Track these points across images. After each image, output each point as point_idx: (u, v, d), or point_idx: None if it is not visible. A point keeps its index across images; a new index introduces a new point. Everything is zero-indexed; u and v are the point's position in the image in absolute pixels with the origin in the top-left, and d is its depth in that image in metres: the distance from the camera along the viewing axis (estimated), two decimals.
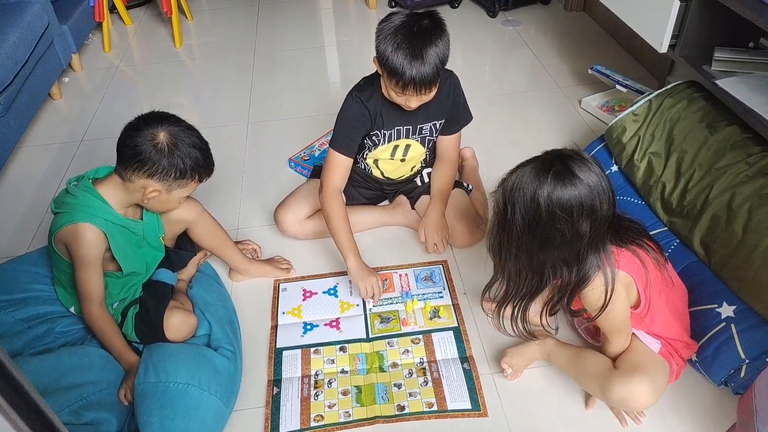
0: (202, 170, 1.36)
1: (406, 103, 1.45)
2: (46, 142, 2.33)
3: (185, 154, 1.30)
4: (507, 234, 1.11)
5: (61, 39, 2.55)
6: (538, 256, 1.11)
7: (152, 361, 1.26)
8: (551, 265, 1.12)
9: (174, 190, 1.34)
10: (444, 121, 1.64)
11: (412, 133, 1.63)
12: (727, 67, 1.65)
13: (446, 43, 1.39)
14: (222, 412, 1.27)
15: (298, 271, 1.70)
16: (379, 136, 1.61)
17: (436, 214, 1.67)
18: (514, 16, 3.07)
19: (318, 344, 1.48)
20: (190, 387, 1.22)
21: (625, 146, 1.70)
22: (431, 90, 1.43)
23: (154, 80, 2.74)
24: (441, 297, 1.60)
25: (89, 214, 1.31)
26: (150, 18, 3.30)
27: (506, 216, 1.10)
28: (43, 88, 2.39)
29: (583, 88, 2.43)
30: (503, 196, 1.10)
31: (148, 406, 1.20)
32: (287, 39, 3.02)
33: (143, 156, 1.27)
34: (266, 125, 2.35)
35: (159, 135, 1.28)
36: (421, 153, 1.70)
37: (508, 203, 1.09)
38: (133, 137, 1.27)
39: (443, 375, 1.40)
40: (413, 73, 1.35)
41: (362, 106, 1.54)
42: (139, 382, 1.23)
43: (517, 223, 1.08)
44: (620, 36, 2.71)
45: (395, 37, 1.35)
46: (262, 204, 1.93)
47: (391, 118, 1.57)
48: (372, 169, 1.74)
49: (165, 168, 1.29)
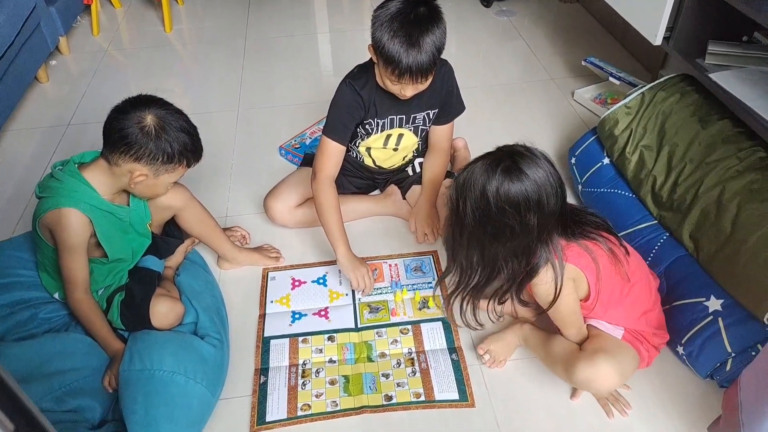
0: (190, 155, 1.34)
1: (401, 91, 1.44)
2: (33, 125, 2.29)
3: (173, 138, 1.29)
4: (459, 227, 1.16)
5: (49, 21, 2.50)
6: (489, 249, 1.16)
7: (137, 348, 1.25)
8: (502, 258, 1.16)
9: (161, 174, 1.32)
10: (437, 111, 1.63)
11: (406, 123, 1.62)
12: (720, 61, 1.64)
13: (443, 31, 1.38)
14: (208, 400, 1.26)
15: (287, 260, 1.69)
16: (372, 125, 1.59)
17: (427, 204, 1.66)
18: (509, 6, 3.06)
19: (306, 333, 1.48)
20: (176, 375, 1.21)
21: (617, 139, 1.70)
22: (427, 78, 1.41)
23: (144, 65, 2.70)
24: (430, 287, 1.59)
25: (74, 199, 1.29)
26: (140, 1, 3.25)
27: (458, 210, 1.14)
28: (30, 70, 2.34)
29: (576, 80, 2.42)
30: (455, 190, 1.15)
31: (132, 393, 1.19)
32: (279, 25, 2.99)
33: (130, 139, 1.25)
34: (257, 112, 2.33)
35: (146, 118, 1.26)
36: (413, 142, 1.69)
37: (459, 198, 1.13)
38: (120, 120, 1.25)
39: (431, 365, 1.39)
40: (410, 61, 1.34)
41: (356, 93, 1.52)
42: (124, 369, 1.22)
43: (468, 216, 1.12)
44: (614, 28, 2.70)
45: (391, 24, 1.33)
46: (252, 192, 1.91)
47: (385, 107, 1.56)
48: (364, 158, 1.73)
49: (152, 151, 1.27)
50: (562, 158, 2.00)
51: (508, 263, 1.17)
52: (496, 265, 1.18)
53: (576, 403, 1.32)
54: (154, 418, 1.16)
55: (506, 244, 1.13)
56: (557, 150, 2.06)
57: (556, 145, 2.08)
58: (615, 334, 1.27)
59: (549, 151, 2.03)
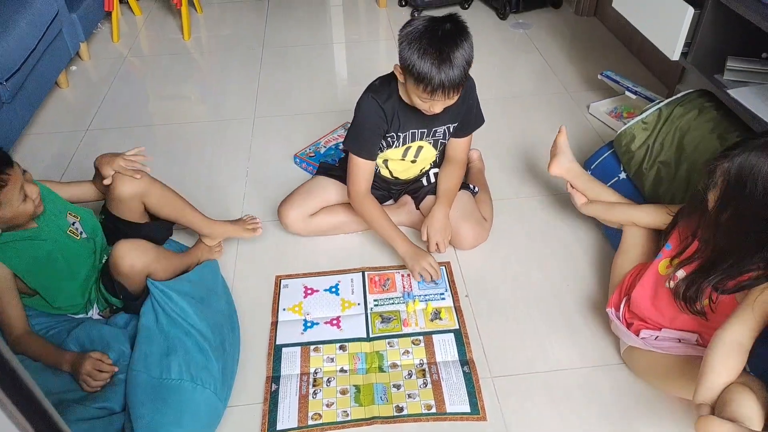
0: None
1: (431, 108, 1.44)
2: (52, 130, 2.32)
3: None
4: (733, 209, 1.13)
5: (70, 27, 2.55)
6: (758, 231, 1.12)
7: (150, 351, 1.26)
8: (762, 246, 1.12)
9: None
10: (458, 124, 1.63)
11: (426, 136, 1.62)
12: (739, 77, 1.63)
13: (470, 45, 1.40)
14: (216, 405, 1.27)
15: (300, 268, 1.69)
16: (394, 138, 1.60)
17: (441, 214, 1.66)
18: (525, 18, 3.06)
19: (318, 342, 1.48)
20: (183, 382, 1.22)
21: (634, 154, 1.69)
22: (458, 93, 1.42)
23: (162, 72, 2.73)
24: (443, 299, 1.59)
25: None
26: (159, 9, 3.30)
27: (739, 191, 1.12)
28: (51, 75, 2.38)
29: (592, 94, 2.42)
30: (740, 169, 1.12)
31: (140, 397, 1.20)
32: (296, 35, 3.02)
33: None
34: (273, 120, 2.35)
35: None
36: (432, 155, 1.69)
37: (748, 178, 1.10)
38: None
39: (443, 377, 1.39)
40: (442, 78, 1.34)
41: (379, 108, 1.53)
42: (135, 369, 1.23)
43: (756, 198, 1.10)
44: (630, 42, 2.69)
45: (420, 42, 1.34)
46: (266, 199, 1.92)
47: (408, 120, 1.56)
48: (381, 169, 1.73)
49: None
50: None
51: (763, 255, 1.13)
52: (759, 252, 1.13)
53: (591, 418, 1.30)
54: (161, 424, 1.17)
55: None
56: None
57: None
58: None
59: None
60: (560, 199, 1.91)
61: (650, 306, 1.34)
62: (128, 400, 1.22)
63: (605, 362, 1.42)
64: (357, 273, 1.67)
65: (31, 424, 0.43)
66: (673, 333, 1.31)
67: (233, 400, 1.35)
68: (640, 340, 1.31)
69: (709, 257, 1.22)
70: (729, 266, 1.17)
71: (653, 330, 1.33)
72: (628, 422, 1.30)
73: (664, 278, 1.31)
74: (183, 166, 2.09)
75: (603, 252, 1.71)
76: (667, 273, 1.31)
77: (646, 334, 1.33)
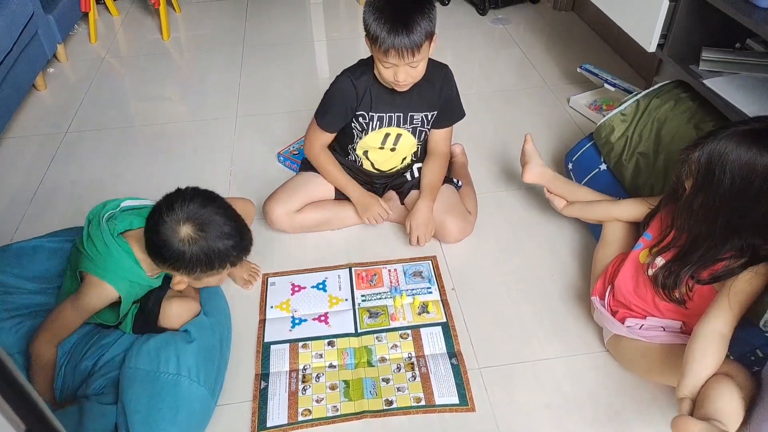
0: (234, 257, 1.25)
1: (395, 78, 1.46)
2: (30, 133, 2.29)
3: (211, 248, 1.20)
4: (705, 197, 1.16)
5: (46, 29, 2.51)
6: (732, 223, 1.14)
7: (147, 348, 1.26)
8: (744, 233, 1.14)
9: (203, 278, 1.27)
10: (436, 113, 1.64)
11: (403, 122, 1.63)
12: (714, 67, 1.67)
13: (432, 7, 1.41)
14: (208, 402, 1.27)
15: (287, 266, 1.69)
16: (366, 118, 1.61)
17: (425, 208, 1.68)
18: (504, 14, 3.09)
19: (306, 339, 1.48)
20: (180, 377, 1.22)
21: (614, 146, 1.72)
22: (415, 54, 1.41)
23: (141, 72, 2.70)
24: (430, 292, 1.60)
25: (118, 276, 1.25)
26: (137, 9, 3.26)
27: (710, 179, 1.14)
28: (28, 78, 2.35)
29: (572, 87, 2.44)
30: (708, 158, 1.14)
31: (136, 393, 1.19)
32: (277, 33, 3.01)
33: (164, 251, 1.19)
34: (255, 119, 2.34)
35: (183, 232, 1.18)
36: (412, 144, 1.70)
37: (715, 166, 1.13)
38: (157, 225, 1.18)
39: (431, 370, 1.40)
40: (395, 38, 1.37)
41: (350, 84, 1.57)
42: (130, 367, 1.23)
43: (724, 186, 1.12)
44: (608, 35, 2.73)
45: (378, 2, 1.39)
46: (251, 198, 1.91)
47: (381, 101, 1.59)
48: (362, 161, 1.74)
49: (188, 265, 1.21)
50: (559, 163, 2.02)
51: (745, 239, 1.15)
52: (729, 241, 1.16)
53: (577, 407, 1.32)
54: (156, 420, 1.16)
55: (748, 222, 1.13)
56: (554, 155, 2.07)
57: (552, 151, 2.10)
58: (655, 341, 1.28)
59: (545, 156, 2.07)
60: (542, 191, 1.92)
61: (633, 294, 1.36)
62: (123, 395, 1.21)
63: (589, 350, 1.44)
64: (344, 269, 1.67)
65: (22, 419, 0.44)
66: (659, 321, 1.34)
67: (222, 398, 1.35)
68: (626, 328, 1.33)
69: (683, 245, 1.25)
70: (702, 254, 1.20)
71: (638, 318, 1.36)
72: (614, 409, 1.32)
73: (645, 267, 1.34)
74: (165, 166, 2.08)
75: (586, 244, 1.73)
76: (647, 261, 1.34)
77: (631, 323, 1.36)
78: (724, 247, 1.18)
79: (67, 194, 1.96)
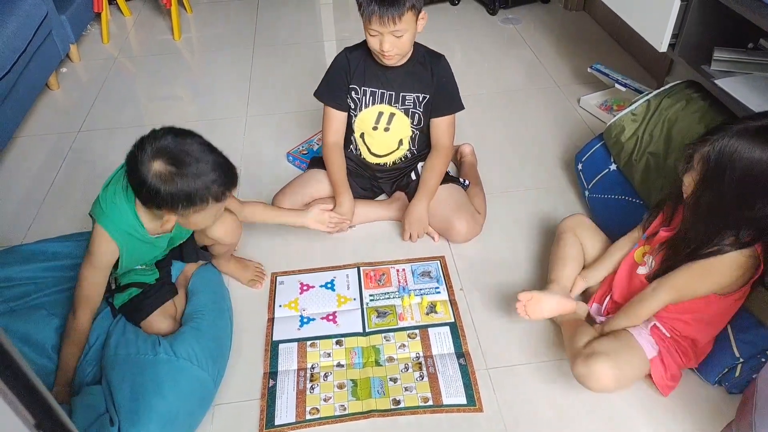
0: (215, 191, 1.20)
1: (381, 47, 1.50)
2: (43, 132, 2.32)
3: (189, 185, 1.16)
4: (713, 193, 1.14)
5: (60, 29, 2.54)
6: (729, 219, 1.14)
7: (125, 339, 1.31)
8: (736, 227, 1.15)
9: (191, 216, 1.22)
10: (430, 99, 1.65)
11: (395, 101, 1.66)
12: (726, 67, 1.65)
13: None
14: (197, 375, 1.28)
15: (296, 265, 1.70)
16: (359, 93, 1.65)
17: (420, 206, 1.69)
18: (514, 14, 3.08)
19: (314, 337, 1.48)
20: (159, 355, 1.26)
21: (624, 146, 1.71)
22: (396, 22, 1.45)
23: (152, 72, 2.73)
24: (438, 292, 1.60)
25: (117, 227, 1.26)
26: (149, 10, 3.29)
27: (716, 176, 1.13)
28: (41, 78, 2.38)
29: (582, 87, 2.43)
30: (719, 154, 1.12)
31: (119, 373, 1.23)
32: (287, 33, 3.02)
33: (144, 193, 1.17)
34: (265, 119, 2.35)
35: (156, 168, 1.15)
36: (406, 125, 1.70)
37: (723, 163, 1.11)
38: (134, 167, 1.17)
39: (439, 370, 1.40)
40: (377, 4, 1.43)
41: (345, 57, 1.66)
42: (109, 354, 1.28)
43: (733, 183, 1.11)
44: (619, 35, 2.71)
45: None
46: (260, 197, 1.92)
47: (373, 76, 1.64)
48: (361, 150, 1.76)
49: (169, 203, 1.17)
50: (569, 164, 2.01)
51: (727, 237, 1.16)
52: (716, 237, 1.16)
53: (585, 408, 1.32)
54: (141, 393, 1.19)
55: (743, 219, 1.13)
56: (564, 156, 2.07)
57: (562, 151, 2.09)
58: (647, 350, 1.27)
59: (555, 156, 2.06)
60: (552, 192, 1.92)
61: (626, 291, 1.38)
62: (106, 377, 1.24)
63: None
64: (352, 269, 1.68)
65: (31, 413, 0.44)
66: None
67: (231, 396, 1.36)
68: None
69: (677, 239, 1.24)
70: (696, 248, 1.19)
71: None
72: (624, 411, 1.31)
73: (638, 265, 1.35)
74: None
75: None
76: (641, 260, 1.34)
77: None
78: (719, 239, 1.17)
79: (80, 193, 1.98)
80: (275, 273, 1.67)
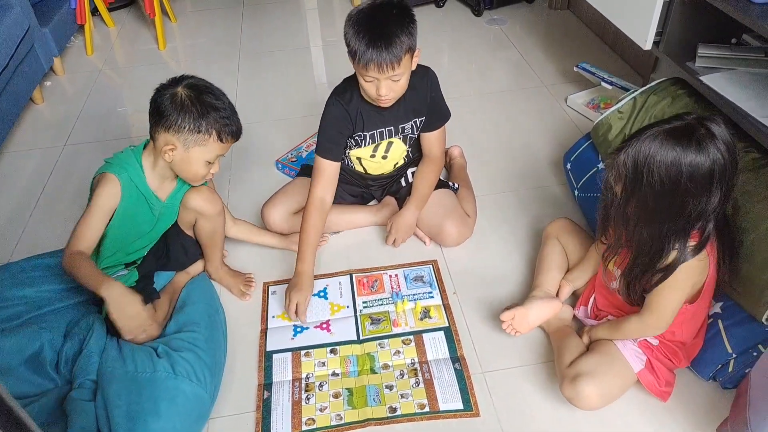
0: (220, 127, 1.35)
1: (378, 93, 1.44)
2: (29, 147, 2.29)
3: (201, 109, 1.32)
4: (638, 200, 1.12)
5: (43, 42, 2.51)
6: (668, 224, 1.12)
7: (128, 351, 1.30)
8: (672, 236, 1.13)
9: (192, 147, 1.34)
10: (425, 119, 1.64)
11: (395, 134, 1.64)
12: (710, 64, 1.66)
13: (411, 20, 1.40)
14: (196, 392, 1.26)
15: (288, 274, 1.68)
16: (362, 137, 1.61)
17: (409, 215, 1.68)
18: (499, 14, 3.08)
19: (308, 347, 1.48)
20: (157, 373, 1.24)
21: (611, 144, 1.71)
22: (395, 67, 1.39)
23: (138, 83, 2.71)
24: (431, 297, 1.59)
25: (121, 168, 1.37)
26: (133, 20, 3.27)
27: (636, 183, 1.11)
28: (25, 92, 2.35)
29: (569, 86, 2.44)
30: (633, 162, 1.10)
31: (117, 389, 1.21)
32: (272, 40, 3.01)
33: (160, 109, 1.32)
34: (253, 127, 2.34)
35: (179, 91, 1.33)
36: (402, 150, 1.70)
37: (642, 169, 1.09)
38: (158, 94, 1.34)
39: (435, 375, 1.39)
40: (374, 51, 1.36)
41: (343, 109, 1.55)
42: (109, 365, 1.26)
43: (654, 188, 1.09)
44: (604, 34, 2.72)
45: (358, 16, 1.40)
46: (249, 206, 1.91)
47: (372, 120, 1.58)
48: (355, 165, 1.75)
49: (177, 120, 1.31)
50: (557, 163, 2.02)
51: (674, 242, 1.13)
52: (666, 244, 1.14)
53: (582, 412, 1.32)
54: (138, 412, 1.17)
55: (684, 220, 1.11)
56: (552, 155, 2.07)
57: (550, 151, 2.09)
58: (634, 364, 1.27)
59: (544, 156, 2.06)
60: (542, 193, 1.92)
61: (606, 301, 1.40)
62: (104, 393, 1.22)
63: None
64: (345, 276, 1.67)
65: None
66: None
67: (226, 409, 1.35)
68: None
69: (632, 254, 1.22)
70: (650, 259, 1.17)
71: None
72: (621, 413, 1.31)
73: (611, 274, 1.34)
74: None
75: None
76: (612, 269, 1.33)
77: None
78: (669, 248, 1.15)
79: (68, 208, 1.96)
80: (267, 283, 1.66)
